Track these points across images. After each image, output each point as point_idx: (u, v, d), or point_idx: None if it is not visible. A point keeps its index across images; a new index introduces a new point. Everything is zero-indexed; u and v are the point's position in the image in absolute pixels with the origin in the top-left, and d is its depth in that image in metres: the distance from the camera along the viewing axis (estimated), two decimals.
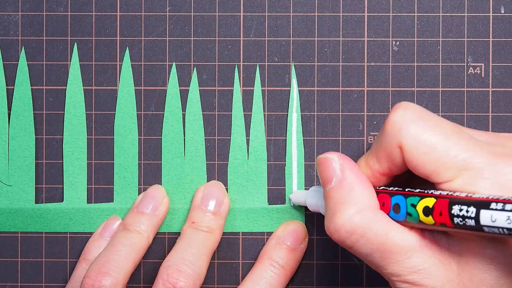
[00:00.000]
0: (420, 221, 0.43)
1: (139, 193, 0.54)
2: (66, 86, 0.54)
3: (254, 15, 0.54)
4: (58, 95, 0.54)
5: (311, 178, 0.54)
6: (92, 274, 0.49)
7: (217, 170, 0.54)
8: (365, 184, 0.45)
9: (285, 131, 0.54)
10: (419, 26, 0.54)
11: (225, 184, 0.54)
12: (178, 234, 0.53)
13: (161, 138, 0.54)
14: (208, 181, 0.54)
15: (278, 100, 0.54)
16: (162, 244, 0.54)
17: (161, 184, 0.54)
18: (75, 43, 0.54)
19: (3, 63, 0.54)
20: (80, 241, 0.54)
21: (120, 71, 0.54)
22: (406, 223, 0.44)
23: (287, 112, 0.54)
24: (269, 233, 0.54)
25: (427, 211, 0.42)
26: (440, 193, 0.42)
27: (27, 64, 0.54)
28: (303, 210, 0.54)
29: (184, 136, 0.54)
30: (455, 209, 0.41)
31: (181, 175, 0.54)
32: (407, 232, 0.44)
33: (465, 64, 0.54)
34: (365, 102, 0.54)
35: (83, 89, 0.54)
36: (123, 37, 0.54)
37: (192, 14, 0.54)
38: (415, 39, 0.54)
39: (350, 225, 0.44)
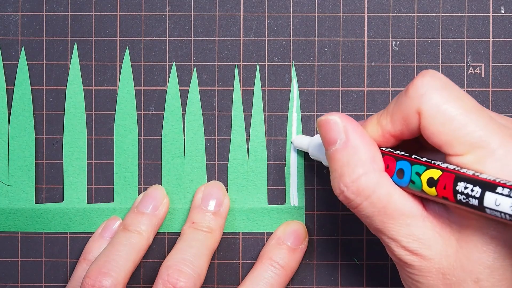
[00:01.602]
0: (423, 191, 0.43)
1: (139, 193, 0.54)
2: (66, 86, 0.54)
3: (254, 15, 0.54)
4: (58, 95, 0.54)
5: (311, 178, 0.54)
6: (92, 274, 0.49)
7: (217, 170, 0.54)
8: (371, 146, 0.45)
9: (285, 131, 0.54)
10: (419, 26, 0.54)
11: (225, 184, 0.54)
12: (178, 234, 0.53)
13: (161, 138, 0.54)
14: (208, 181, 0.54)
15: (278, 100, 0.54)
16: (162, 244, 0.54)
17: (161, 184, 0.54)
18: (75, 43, 0.54)
19: (3, 63, 0.54)
20: (80, 241, 0.54)
21: (120, 71, 0.54)
22: (408, 190, 0.44)
23: (287, 112, 0.54)
24: (269, 233, 0.54)
25: (431, 182, 0.42)
26: (447, 167, 0.42)
27: (27, 64, 0.54)
28: (303, 210, 0.54)
29: (184, 136, 0.54)
30: (460, 186, 0.41)
31: (181, 175, 0.54)
32: (410, 198, 0.44)
33: (465, 64, 0.54)
34: (365, 102, 0.54)
35: (83, 89, 0.54)
36: (123, 37, 0.54)
37: (192, 14, 0.54)
38: (415, 39, 0.54)
39: (357, 187, 0.44)
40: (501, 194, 0.39)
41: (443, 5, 0.54)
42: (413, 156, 0.44)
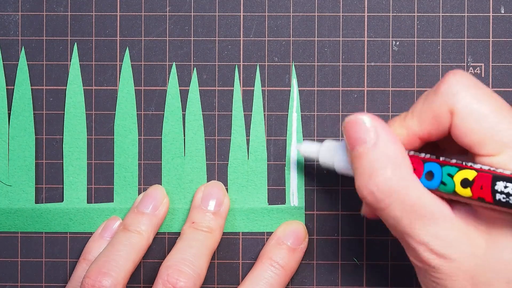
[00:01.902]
0: (455, 192, 0.42)
1: (139, 193, 0.54)
2: (66, 86, 0.54)
3: (254, 15, 0.54)
4: (58, 95, 0.54)
5: (311, 178, 0.54)
6: (92, 274, 0.48)
7: (217, 170, 0.54)
8: (400, 147, 0.44)
9: (285, 131, 0.54)
10: (419, 26, 0.54)
11: (225, 184, 0.54)
12: (178, 234, 0.53)
13: (161, 138, 0.54)
14: (208, 181, 0.54)
15: (278, 100, 0.54)
16: (162, 244, 0.54)
17: (161, 184, 0.54)
18: (75, 43, 0.54)
19: (3, 63, 0.54)
20: (80, 241, 0.54)
21: (120, 71, 0.54)
22: (437, 192, 0.44)
23: (287, 112, 0.54)
24: (269, 233, 0.54)
25: (465, 183, 0.42)
26: (481, 167, 0.42)
27: (27, 64, 0.54)
28: (303, 210, 0.54)
29: (184, 136, 0.54)
30: (499, 185, 0.41)
31: (181, 175, 0.54)
32: (439, 200, 0.44)
33: (465, 64, 0.54)
34: (365, 102, 0.54)
35: (83, 89, 0.54)
36: (123, 37, 0.54)
37: (192, 14, 0.54)
38: (415, 39, 0.54)
39: (387, 187, 0.43)
40: None
41: (443, 5, 0.54)
42: (441, 159, 0.44)
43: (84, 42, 0.54)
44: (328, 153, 0.50)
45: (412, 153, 0.45)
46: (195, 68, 0.54)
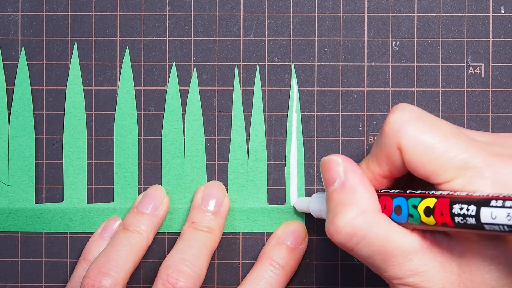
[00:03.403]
0: (422, 222, 0.43)
1: (139, 193, 0.54)
2: (66, 86, 0.54)
3: (254, 15, 0.54)
4: (58, 95, 0.54)
5: (311, 178, 0.54)
6: (92, 274, 0.49)
7: (217, 170, 0.54)
8: (367, 187, 0.45)
9: (285, 131, 0.54)
10: (419, 26, 0.54)
11: (225, 184, 0.54)
12: (178, 234, 0.53)
13: (161, 138, 0.54)
14: (208, 181, 0.54)
15: (278, 100, 0.54)
16: (162, 244, 0.54)
17: (161, 184, 0.54)
18: (75, 43, 0.54)
19: (3, 63, 0.54)
20: (80, 241, 0.54)
21: (120, 71, 0.54)
22: (407, 225, 0.44)
23: (287, 112, 0.54)
24: (269, 233, 0.54)
25: (428, 211, 0.42)
26: (441, 193, 0.42)
27: (27, 64, 0.54)
28: None
29: (184, 136, 0.54)
30: (456, 208, 0.41)
31: (181, 175, 0.54)
32: (409, 234, 0.44)
33: (465, 64, 0.54)
34: (365, 102, 0.54)
35: (83, 89, 0.54)
36: (123, 37, 0.54)
37: (192, 14, 0.54)
38: (415, 39, 0.54)
39: (352, 227, 0.44)
40: (496, 206, 0.39)
41: (443, 5, 0.54)
42: (407, 191, 0.44)
43: (84, 42, 0.54)
44: (316, 202, 0.51)
45: (383, 190, 0.45)
46: (195, 68, 0.54)
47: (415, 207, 0.43)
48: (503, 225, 0.39)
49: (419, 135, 0.43)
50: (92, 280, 0.48)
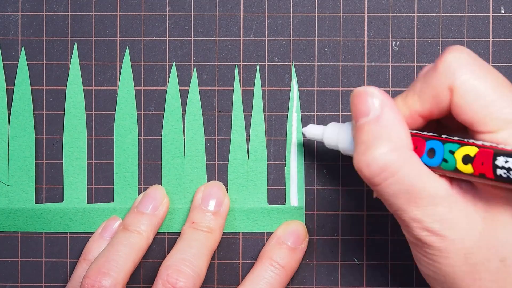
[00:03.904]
0: (456, 169, 0.42)
1: (139, 193, 0.54)
2: (66, 86, 0.54)
3: (254, 15, 0.54)
4: (58, 95, 0.54)
5: (311, 178, 0.54)
6: (92, 274, 0.48)
7: (217, 170, 0.54)
8: (402, 124, 0.44)
9: (285, 131, 0.54)
10: (419, 26, 0.54)
11: (225, 184, 0.54)
12: (178, 234, 0.53)
13: (161, 138, 0.54)
14: (208, 181, 0.54)
15: (278, 100, 0.54)
16: (162, 244, 0.54)
17: (161, 184, 0.54)
18: (75, 43, 0.54)
19: (3, 63, 0.54)
20: (80, 241, 0.54)
21: (120, 71, 0.54)
22: (438, 170, 0.43)
23: (287, 112, 0.54)
24: (269, 233, 0.54)
25: (467, 159, 0.42)
26: (482, 143, 0.41)
27: (27, 64, 0.54)
28: (303, 210, 0.54)
29: (184, 136, 0.54)
30: (500, 160, 0.40)
31: (181, 175, 0.54)
32: (438, 179, 0.43)
33: None
34: None
35: (83, 89, 0.54)
36: (123, 37, 0.54)
37: (192, 14, 0.54)
38: (415, 39, 0.54)
39: (384, 161, 0.43)
40: None
41: (443, 5, 0.54)
42: (443, 136, 0.43)
43: (84, 42, 0.54)
44: (332, 134, 0.49)
45: (415, 131, 0.45)
46: (195, 68, 0.54)
47: (452, 152, 0.42)
48: None
49: (474, 79, 0.42)
50: (92, 280, 0.48)
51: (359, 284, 0.54)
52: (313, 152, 0.54)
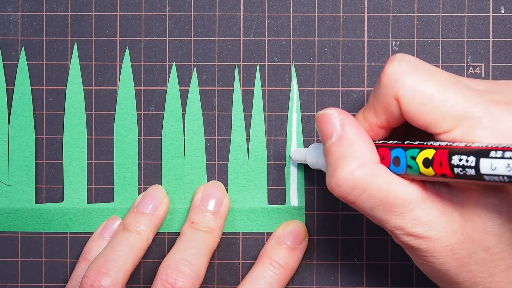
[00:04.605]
0: (421, 173, 0.43)
1: (139, 193, 0.54)
2: (66, 86, 0.54)
3: (254, 15, 0.54)
4: (58, 95, 0.54)
5: (311, 178, 0.54)
6: (92, 274, 0.49)
7: (217, 170, 0.54)
8: (365, 139, 0.44)
9: (285, 131, 0.54)
10: (419, 26, 0.54)
11: (225, 184, 0.54)
12: (178, 234, 0.53)
13: (161, 138, 0.54)
14: (208, 181, 0.54)
15: (278, 100, 0.54)
16: (162, 244, 0.54)
17: (161, 184, 0.54)
18: (75, 43, 0.54)
19: (3, 63, 0.54)
20: (80, 241, 0.54)
21: (120, 71, 0.54)
22: (407, 176, 0.44)
23: (287, 112, 0.54)
24: (269, 233, 0.54)
25: (427, 162, 0.42)
26: (439, 144, 0.42)
27: (27, 64, 0.54)
28: (303, 210, 0.54)
29: (184, 136, 0.54)
30: (455, 159, 0.41)
31: (181, 175, 0.54)
32: (409, 184, 0.44)
33: (465, 64, 0.54)
34: (365, 102, 0.54)
35: (83, 89, 0.54)
36: (123, 37, 0.54)
37: (192, 14, 0.54)
38: (415, 39, 0.54)
39: (352, 179, 0.43)
40: (495, 157, 0.39)
41: (443, 5, 0.54)
42: (406, 142, 0.44)
43: (84, 42, 0.54)
44: (313, 153, 0.51)
45: (381, 142, 0.45)
46: (195, 68, 0.54)
47: (413, 158, 0.43)
48: (503, 176, 0.39)
49: (417, 85, 0.42)
50: (91, 280, 0.48)
51: (359, 284, 0.54)
52: None
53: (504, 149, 0.39)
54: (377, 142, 0.45)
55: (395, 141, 0.45)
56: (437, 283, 0.46)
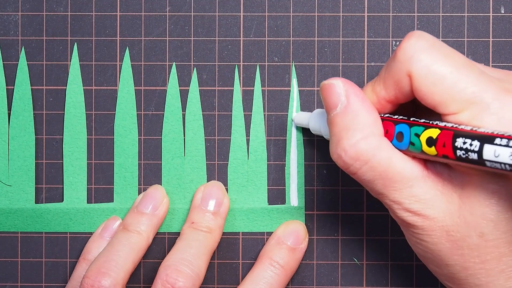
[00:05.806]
0: (423, 151, 0.43)
1: (139, 193, 0.54)
2: (66, 86, 0.54)
3: (254, 15, 0.54)
4: (58, 95, 0.54)
5: (311, 178, 0.54)
6: (92, 274, 0.49)
7: (217, 170, 0.54)
8: (370, 110, 0.45)
9: (285, 131, 0.54)
10: (419, 26, 0.54)
11: (225, 184, 0.54)
12: (178, 234, 0.53)
13: (161, 138, 0.54)
14: (208, 181, 0.54)
15: (278, 100, 0.54)
16: (162, 244, 0.54)
17: (161, 184, 0.54)
18: (75, 43, 0.54)
19: (3, 63, 0.54)
20: (80, 241, 0.54)
21: (120, 71, 0.54)
22: (408, 152, 0.44)
23: (287, 112, 0.54)
24: (269, 233, 0.54)
25: (430, 141, 0.42)
26: (445, 125, 0.42)
27: (27, 64, 0.54)
28: (303, 210, 0.54)
29: (184, 136, 0.54)
30: (459, 142, 0.41)
31: (181, 175, 0.54)
32: (410, 161, 0.44)
33: None
34: None
35: (83, 89, 0.54)
36: (123, 37, 0.54)
37: (192, 14, 0.54)
38: None
39: (355, 151, 0.44)
40: (500, 145, 0.39)
41: (443, 5, 0.54)
42: (411, 119, 0.44)
43: (84, 42, 0.54)
44: (316, 119, 0.50)
45: (386, 115, 0.45)
46: (195, 68, 0.54)
47: (417, 135, 0.43)
48: (505, 163, 0.39)
49: (431, 64, 0.42)
50: (91, 280, 0.48)
51: (359, 284, 0.54)
52: (313, 152, 0.54)
53: (510, 138, 0.39)
54: (382, 115, 0.45)
55: (401, 117, 0.45)
56: (427, 265, 0.46)
